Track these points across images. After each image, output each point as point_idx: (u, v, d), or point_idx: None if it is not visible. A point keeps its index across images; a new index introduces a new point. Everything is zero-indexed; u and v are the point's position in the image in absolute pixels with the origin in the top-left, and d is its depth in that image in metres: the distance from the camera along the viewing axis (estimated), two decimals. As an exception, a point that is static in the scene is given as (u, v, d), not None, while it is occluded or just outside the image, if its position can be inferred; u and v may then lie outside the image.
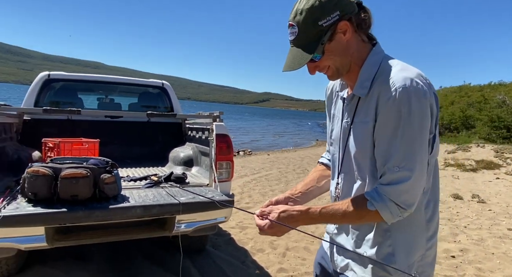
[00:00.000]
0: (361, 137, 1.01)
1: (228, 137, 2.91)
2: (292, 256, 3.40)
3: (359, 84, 1.00)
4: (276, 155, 12.56)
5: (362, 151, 1.01)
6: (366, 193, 0.97)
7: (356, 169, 1.05)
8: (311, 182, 1.25)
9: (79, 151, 2.97)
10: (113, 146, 3.74)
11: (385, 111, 0.93)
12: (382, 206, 0.93)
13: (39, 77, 3.78)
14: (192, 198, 2.38)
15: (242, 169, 8.54)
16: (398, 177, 0.91)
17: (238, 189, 6.19)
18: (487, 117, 17.36)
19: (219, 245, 3.56)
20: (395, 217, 0.94)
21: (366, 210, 0.95)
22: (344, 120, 1.08)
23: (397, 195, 0.92)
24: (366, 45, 1.02)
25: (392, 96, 0.91)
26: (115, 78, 4.24)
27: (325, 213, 0.99)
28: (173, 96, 4.31)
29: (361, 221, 1.00)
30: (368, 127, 0.98)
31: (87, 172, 2.02)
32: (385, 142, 0.94)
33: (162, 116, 3.19)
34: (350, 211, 0.97)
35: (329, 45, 0.96)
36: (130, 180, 2.78)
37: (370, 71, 0.99)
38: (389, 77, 0.93)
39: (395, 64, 0.97)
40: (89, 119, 3.74)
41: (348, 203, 0.98)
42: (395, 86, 0.90)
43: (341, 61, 0.99)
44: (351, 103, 1.05)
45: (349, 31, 0.96)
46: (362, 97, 1.00)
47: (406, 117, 0.90)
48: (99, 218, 2.03)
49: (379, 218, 0.95)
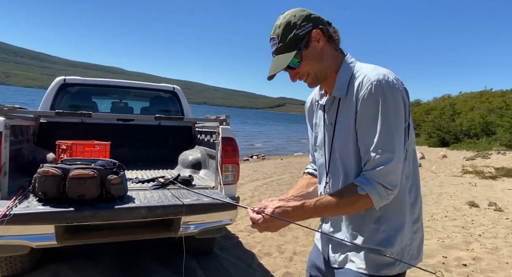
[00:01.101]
0: (344, 133, 1.10)
1: (234, 140, 2.95)
2: (299, 261, 3.38)
3: (337, 87, 1.11)
4: (289, 160, 12.53)
5: (346, 145, 1.10)
6: (355, 180, 1.05)
7: (341, 167, 1.13)
8: (301, 188, 1.33)
9: (90, 153, 3.06)
10: (124, 149, 3.83)
11: (364, 104, 1.04)
12: (371, 189, 1.01)
13: (55, 81, 3.93)
14: (196, 199, 2.42)
15: (254, 173, 8.57)
16: (382, 160, 1.01)
17: (249, 193, 6.21)
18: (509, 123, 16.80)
19: (226, 248, 3.58)
20: (383, 199, 1.02)
21: (358, 195, 1.02)
22: (327, 123, 1.18)
23: (383, 176, 1.01)
24: (339, 54, 1.14)
25: (368, 89, 1.02)
26: (128, 82, 4.36)
27: (319, 205, 1.05)
28: (184, 100, 4.39)
29: (353, 207, 1.05)
30: (350, 122, 1.08)
31: (94, 173, 2.09)
32: (366, 130, 1.04)
33: (169, 119, 3.26)
34: (343, 199, 1.04)
35: (306, 51, 1.08)
36: (138, 182, 2.84)
37: (346, 74, 1.11)
38: (364, 75, 1.05)
39: (367, 66, 1.10)
40: (102, 122, 3.85)
41: (340, 192, 1.07)
42: (370, 81, 1.02)
43: (318, 66, 1.11)
44: (333, 106, 1.15)
45: (322, 39, 1.09)
46: (342, 97, 1.11)
47: (382, 105, 1.01)
48: (104, 217, 2.09)
49: (369, 203, 1.03)
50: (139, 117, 3.96)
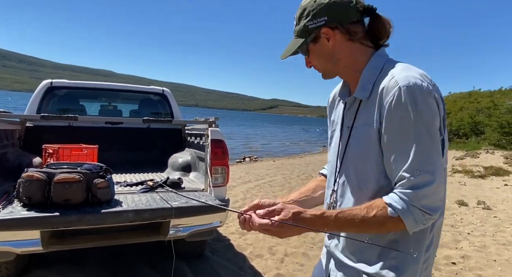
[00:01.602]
0: (362, 142, 0.95)
1: (223, 142, 2.94)
2: (290, 262, 3.38)
3: (361, 87, 0.97)
4: (281, 161, 12.55)
5: (364, 156, 0.95)
6: (386, 198, 0.89)
7: (355, 176, 0.98)
8: (306, 192, 1.18)
9: (78, 156, 3.02)
10: (113, 152, 3.80)
11: (391, 114, 0.87)
12: (405, 212, 0.85)
13: (42, 85, 3.88)
14: (185, 202, 2.40)
15: (246, 175, 8.56)
16: (420, 181, 0.84)
17: (241, 195, 6.19)
18: (497, 123, 17.11)
19: (217, 250, 3.56)
20: (419, 224, 0.86)
21: (387, 217, 0.86)
22: (345, 125, 1.04)
23: (420, 199, 0.85)
24: (366, 49, 0.99)
25: (396, 95, 0.86)
26: (117, 85, 4.32)
27: (341, 218, 0.89)
28: (173, 102, 4.37)
29: (381, 229, 0.89)
30: (371, 130, 0.92)
31: (80, 177, 2.07)
32: (397, 146, 0.87)
33: (157, 121, 3.25)
34: (369, 217, 0.87)
35: (313, 47, 0.98)
36: (126, 185, 2.81)
37: (372, 73, 0.96)
38: (392, 77, 0.89)
39: (397, 65, 0.93)
40: (90, 126, 3.81)
41: (367, 209, 0.88)
42: (398, 85, 0.86)
43: (325, 65, 1.01)
44: (352, 107, 1.01)
45: (333, 38, 0.96)
46: (363, 99, 0.96)
47: (415, 116, 0.84)
48: (90, 222, 2.06)
49: (401, 226, 0.86)
50: (127, 120, 3.93)
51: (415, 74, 0.88)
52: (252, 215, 0.94)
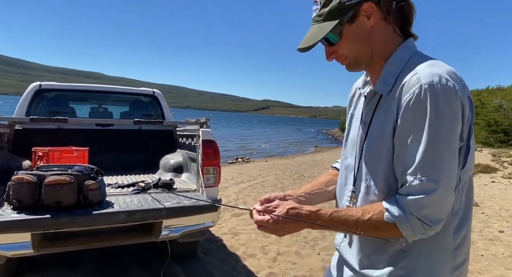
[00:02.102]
0: (376, 140, 0.89)
1: (215, 143, 2.95)
2: (283, 261, 3.41)
3: (382, 80, 0.89)
4: (274, 162, 12.58)
5: (377, 155, 0.89)
6: (385, 202, 0.84)
7: (369, 175, 0.92)
8: (319, 185, 1.11)
9: (68, 159, 3.01)
10: (104, 154, 3.78)
11: (408, 112, 0.80)
12: (402, 219, 0.80)
13: (31, 87, 3.85)
14: (177, 203, 2.42)
15: (239, 176, 8.57)
16: (421, 188, 0.78)
17: (233, 196, 6.21)
18: (484, 121, 17.44)
19: (210, 251, 3.57)
20: (417, 234, 0.81)
21: (383, 222, 0.82)
22: (363, 121, 0.96)
23: (419, 208, 0.79)
24: (396, 37, 0.90)
25: (416, 94, 0.78)
26: (107, 87, 4.31)
27: (336, 217, 0.85)
28: (164, 104, 4.37)
29: (376, 233, 0.84)
30: (386, 129, 0.86)
31: (71, 179, 2.06)
32: (406, 146, 0.81)
33: (148, 123, 3.25)
34: (364, 220, 0.83)
35: (349, 28, 0.86)
36: (118, 187, 2.81)
37: (396, 66, 0.87)
38: (415, 73, 0.81)
39: (423, 59, 0.85)
40: (80, 128, 3.79)
41: (363, 211, 0.85)
42: (420, 83, 0.78)
43: (360, 49, 0.89)
44: (372, 102, 0.93)
45: (374, 16, 0.86)
46: (384, 94, 0.88)
47: (433, 118, 0.77)
48: (82, 224, 2.06)
49: (397, 233, 0.81)
50: (118, 121, 3.92)
51: (442, 71, 0.80)
52: (253, 212, 0.92)
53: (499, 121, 16.89)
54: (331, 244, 3.78)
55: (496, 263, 3.37)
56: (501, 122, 16.80)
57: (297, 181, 7.99)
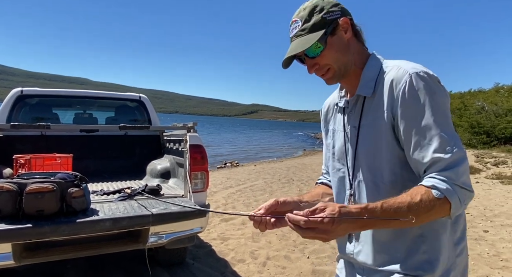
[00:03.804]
0: (373, 137, 0.96)
1: (202, 147, 2.93)
2: (272, 265, 3.39)
3: (363, 84, 0.98)
4: (262, 166, 12.57)
5: (376, 150, 0.95)
6: (426, 183, 0.85)
7: (369, 172, 0.97)
8: (316, 196, 1.16)
9: (51, 166, 2.94)
10: (89, 161, 3.71)
11: (406, 99, 0.89)
12: (450, 192, 0.83)
13: (12, 93, 3.75)
14: (164, 209, 2.38)
15: (227, 180, 8.53)
16: (455, 159, 0.84)
17: (222, 201, 6.17)
18: (468, 123, 17.84)
19: (199, 257, 3.53)
20: (462, 204, 0.85)
21: (434, 199, 0.82)
22: (350, 127, 1.03)
23: (460, 176, 0.84)
24: (365, 50, 1.02)
25: (408, 81, 0.88)
26: (91, 92, 4.24)
27: (387, 208, 0.84)
28: (151, 109, 4.33)
29: (429, 214, 0.84)
30: (381, 123, 0.94)
31: (53, 186, 2.01)
32: (418, 130, 0.87)
33: (135, 128, 3.20)
34: (416, 202, 0.83)
35: (332, 39, 0.95)
36: (103, 194, 2.75)
37: (372, 71, 0.98)
38: (398, 68, 0.92)
39: (397, 61, 0.97)
40: (64, 134, 3.71)
41: (410, 195, 0.85)
42: (408, 72, 0.89)
43: (342, 59, 0.97)
44: (356, 107, 1.01)
45: (349, 30, 0.97)
46: (368, 96, 0.97)
47: (431, 98, 0.87)
48: (65, 232, 2.00)
49: (446, 209, 0.84)
50: (103, 127, 3.85)
51: (419, 65, 0.93)
52: (290, 215, 0.85)
53: (482, 123, 17.32)
54: (320, 247, 3.78)
55: (482, 263, 3.43)
56: (483, 124, 17.23)
57: (286, 185, 7.99)
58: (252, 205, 5.87)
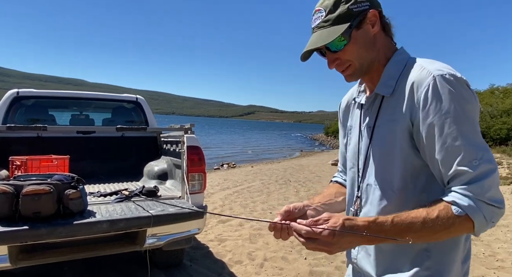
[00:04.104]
0: (387, 140, 0.89)
1: (200, 149, 2.93)
2: (270, 266, 3.39)
3: (383, 82, 0.91)
4: (259, 167, 12.58)
5: (389, 154, 0.88)
6: (446, 197, 0.79)
7: (380, 177, 0.91)
8: (329, 196, 1.10)
9: (48, 168, 2.92)
10: (86, 162, 3.69)
11: (428, 105, 0.80)
12: (473, 209, 0.75)
13: (8, 95, 3.74)
14: (161, 210, 2.37)
15: (224, 182, 8.52)
16: (481, 172, 0.76)
17: (219, 202, 6.16)
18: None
19: (196, 258, 3.52)
20: (489, 222, 0.76)
21: (453, 216, 0.76)
22: (365, 125, 0.97)
23: (485, 192, 0.75)
24: (392, 45, 0.95)
25: (431, 85, 0.80)
26: (88, 93, 4.23)
27: (399, 223, 0.78)
28: (148, 110, 4.32)
29: (447, 232, 0.78)
30: (396, 127, 0.86)
31: (50, 188, 2.00)
32: (441, 138, 0.79)
33: (131, 130, 3.19)
34: (432, 219, 0.76)
35: (357, 33, 0.88)
36: (100, 196, 2.74)
37: (395, 69, 0.91)
38: (422, 69, 0.84)
39: (423, 60, 0.89)
40: (61, 136, 3.70)
41: (427, 210, 0.78)
42: (432, 74, 0.81)
43: (366, 55, 0.90)
44: (373, 106, 0.95)
45: (377, 24, 0.89)
46: (386, 95, 0.90)
47: (456, 104, 0.78)
48: (62, 234, 2.00)
49: (468, 227, 0.76)
50: (100, 128, 3.84)
51: (445, 65, 0.83)
52: (293, 224, 0.83)
53: (477, 124, 17.41)
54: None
55: (478, 263, 3.45)
56: (479, 125, 17.33)
57: (283, 186, 8.00)
58: (249, 206, 5.87)
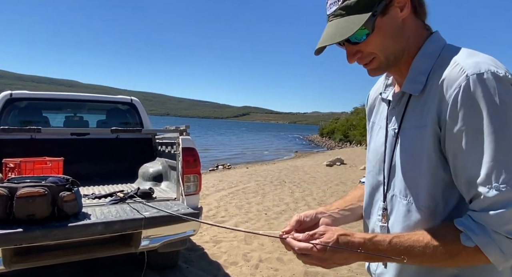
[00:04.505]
0: (412, 147, 0.77)
1: (195, 150, 2.94)
2: (265, 267, 3.40)
3: (411, 79, 0.77)
4: (254, 168, 12.58)
5: (414, 164, 0.76)
6: (458, 222, 0.69)
7: (405, 190, 0.79)
8: (352, 200, 0.98)
9: (42, 170, 2.91)
10: (81, 164, 3.68)
11: (458, 109, 0.67)
12: (486, 241, 0.64)
13: (1, 96, 3.71)
14: (156, 212, 2.38)
15: (220, 183, 8.52)
16: (501, 199, 0.63)
17: (215, 203, 6.16)
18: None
19: (191, 260, 3.52)
20: (508, 257, 0.64)
21: (460, 246, 0.66)
22: (390, 127, 0.84)
23: (503, 224, 0.63)
24: (424, 31, 0.79)
25: (463, 86, 0.66)
26: (82, 95, 4.22)
27: (397, 244, 0.71)
28: (143, 111, 4.32)
29: (451, 262, 0.69)
30: (424, 134, 0.73)
31: (44, 191, 1.99)
32: (465, 151, 0.67)
33: (126, 131, 3.19)
34: (435, 246, 0.68)
35: (381, 20, 0.73)
36: (95, 198, 2.74)
37: (426, 62, 0.76)
38: (455, 64, 0.70)
39: (460, 51, 0.73)
40: (55, 138, 3.68)
41: (431, 234, 0.70)
42: (466, 73, 0.67)
43: (393, 46, 0.76)
44: (400, 105, 0.82)
45: (407, 6, 0.74)
46: (415, 94, 0.77)
47: (493, 111, 0.64)
48: (57, 237, 1.99)
49: (481, 259, 0.66)
50: (94, 130, 3.83)
51: (486, 59, 0.69)
52: (288, 240, 0.78)
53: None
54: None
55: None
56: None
57: (278, 187, 8.02)
58: (244, 208, 5.88)
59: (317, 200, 6.62)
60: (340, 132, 32.32)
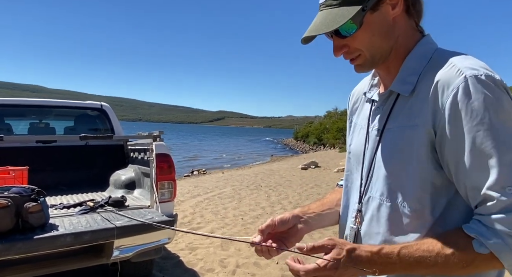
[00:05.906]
0: (400, 148, 0.74)
1: (169, 156, 2.89)
2: (242, 273, 3.38)
3: (401, 78, 0.76)
4: (230, 173, 12.53)
5: (401, 166, 0.74)
6: (467, 228, 0.66)
7: (388, 192, 0.76)
8: (329, 204, 0.96)
9: (4, 180, 2.75)
10: (47, 173, 3.52)
11: (457, 111, 0.65)
12: (500, 246, 0.62)
13: (-41, 103, 3.49)
14: (129, 221, 2.31)
15: (195, 189, 8.41)
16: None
17: (190, 210, 6.07)
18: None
19: (166, 269, 3.44)
20: None
21: (474, 254, 0.63)
22: (373, 127, 0.82)
23: None
24: (416, 32, 0.78)
25: (461, 88, 0.65)
26: (48, 101, 4.04)
27: (407, 255, 0.67)
28: (114, 117, 4.20)
29: (466, 270, 0.65)
30: (415, 134, 0.71)
31: (7, 202, 1.89)
32: (471, 154, 0.65)
33: (96, 138, 3.09)
34: (447, 254, 0.64)
35: (371, 16, 0.72)
36: (63, 208, 2.62)
37: (417, 62, 0.75)
38: (451, 65, 0.69)
39: (454, 54, 0.73)
40: (18, 146, 3.50)
41: (443, 242, 0.66)
42: (464, 74, 0.66)
43: (380, 44, 0.75)
44: (385, 105, 0.80)
45: (399, 5, 0.73)
46: (404, 94, 0.75)
47: (493, 112, 0.63)
48: (22, 250, 1.89)
49: (495, 265, 0.64)
50: (62, 137, 3.68)
51: (481, 64, 0.69)
52: (289, 263, 0.74)
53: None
54: (288, 252, 3.82)
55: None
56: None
57: (254, 191, 8.02)
58: (220, 213, 5.83)
59: (293, 203, 6.68)
60: (314, 135, 32.90)
